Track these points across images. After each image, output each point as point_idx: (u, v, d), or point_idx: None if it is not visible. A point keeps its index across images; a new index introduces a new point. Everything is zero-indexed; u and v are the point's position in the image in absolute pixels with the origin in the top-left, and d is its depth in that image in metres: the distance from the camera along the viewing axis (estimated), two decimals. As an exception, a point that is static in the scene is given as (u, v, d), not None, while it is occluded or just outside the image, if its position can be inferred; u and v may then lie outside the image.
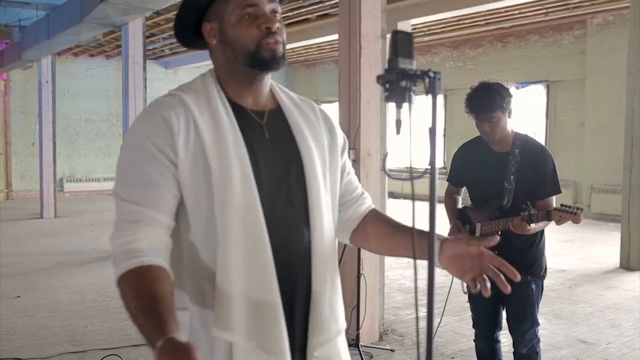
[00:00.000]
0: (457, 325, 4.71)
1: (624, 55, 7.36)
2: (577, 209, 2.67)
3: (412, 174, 1.18)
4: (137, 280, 1.22)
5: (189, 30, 1.46)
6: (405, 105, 1.15)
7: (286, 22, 10.28)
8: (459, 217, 3.11)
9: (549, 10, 9.89)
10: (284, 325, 1.33)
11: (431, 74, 1.10)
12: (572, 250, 7.92)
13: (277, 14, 1.40)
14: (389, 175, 1.89)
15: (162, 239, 1.31)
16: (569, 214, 2.66)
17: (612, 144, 10.07)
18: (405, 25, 9.23)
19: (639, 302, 5.44)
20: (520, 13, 10.15)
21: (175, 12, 7.93)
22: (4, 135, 13.96)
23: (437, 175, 1.12)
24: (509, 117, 2.92)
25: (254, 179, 1.33)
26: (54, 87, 11.03)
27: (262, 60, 1.37)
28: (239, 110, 1.41)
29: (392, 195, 13.12)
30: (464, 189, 3.24)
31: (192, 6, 1.42)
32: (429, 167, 1.13)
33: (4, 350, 4.18)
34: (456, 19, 10.40)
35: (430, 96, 1.12)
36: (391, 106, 1.16)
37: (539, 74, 11.72)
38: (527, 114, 12.05)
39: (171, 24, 10.44)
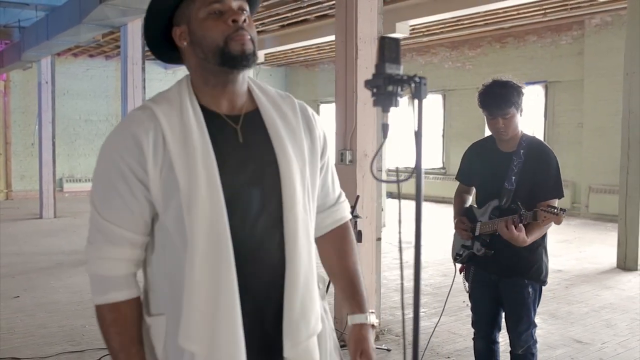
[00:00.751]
0: (453, 325, 4.73)
1: (622, 55, 7.39)
2: (561, 210, 2.69)
3: (397, 176, 1.21)
4: (128, 314, 1.38)
5: (159, 39, 1.45)
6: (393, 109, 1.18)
7: (285, 23, 10.32)
8: (465, 216, 3.12)
9: (547, 11, 9.92)
10: (242, 341, 1.32)
11: (417, 79, 1.13)
12: (569, 251, 7.95)
13: (244, 11, 1.39)
14: (376, 178, 1.89)
15: (136, 257, 1.39)
16: (552, 215, 2.68)
17: (610, 144, 10.09)
18: (403, 26, 9.25)
19: (634, 302, 5.47)
20: (518, 14, 10.17)
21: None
22: (4, 135, 13.99)
23: (422, 177, 1.15)
24: (520, 115, 2.93)
25: (222, 189, 1.32)
26: (54, 87, 11.06)
27: (231, 56, 1.35)
28: (212, 117, 1.39)
29: (391, 195, 13.14)
30: (474, 188, 3.23)
31: (157, 11, 1.41)
32: (415, 169, 1.15)
33: (3, 349, 4.21)
34: (455, 19, 10.42)
35: (419, 99, 1.14)
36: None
37: (537, 74, 11.75)
38: (525, 114, 12.06)
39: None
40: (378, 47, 1.17)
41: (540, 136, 11.66)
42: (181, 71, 15.86)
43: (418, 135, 1.14)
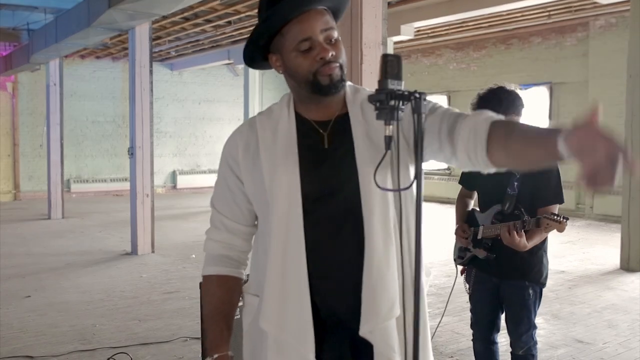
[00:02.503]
0: (457, 325, 4.80)
1: (626, 57, 7.44)
2: (564, 217, 2.76)
3: (399, 184, 1.28)
4: (216, 288, 1.62)
5: (258, 60, 1.60)
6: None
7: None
8: (467, 220, 3.19)
9: (552, 13, 9.97)
10: (310, 326, 1.47)
11: (417, 95, 1.21)
12: (573, 252, 8.00)
13: (332, 39, 1.48)
14: (379, 187, 1.97)
15: (231, 242, 1.64)
16: (554, 222, 2.75)
17: (614, 145, 10.13)
18: (408, 28, 9.34)
19: (637, 303, 5.53)
20: (522, 16, 10.23)
21: (181, 15, 8.03)
22: (12, 137, 14.12)
23: (422, 186, 1.23)
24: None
25: (300, 189, 1.48)
26: (62, 89, 11.17)
27: (321, 87, 1.48)
28: (304, 124, 1.55)
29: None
30: (476, 193, 3.29)
31: (253, 43, 1.54)
32: (415, 177, 1.23)
33: (17, 348, 4.31)
34: (459, 21, 10.49)
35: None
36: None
37: (542, 75, 11.79)
38: (530, 115, 12.11)
39: (177, 27, 10.57)
40: (381, 64, 1.25)
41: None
42: (187, 73, 15.99)
43: (419, 146, 1.22)
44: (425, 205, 1.27)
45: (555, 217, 2.75)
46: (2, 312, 5.20)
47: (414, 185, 1.30)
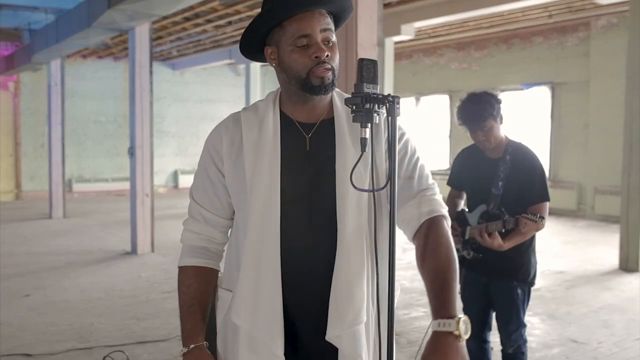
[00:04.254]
0: (453, 325, 4.81)
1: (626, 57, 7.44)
2: (540, 217, 2.79)
3: (373, 185, 1.30)
4: (193, 279, 1.64)
5: (253, 50, 1.63)
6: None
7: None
8: (457, 219, 3.21)
9: (553, 13, 9.98)
10: (280, 322, 1.50)
11: (390, 99, 1.23)
12: (572, 252, 8.01)
13: (330, 42, 1.52)
14: (354, 187, 1.97)
15: (209, 234, 1.65)
16: (531, 222, 2.78)
17: (616, 145, 10.11)
18: (408, 28, 9.35)
19: (634, 303, 5.54)
20: (524, 15, 10.23)
21: (182, 16, 8.05)
22: (14, 136, 14.18)
23: (396, 187, 1.25)
24: (501, 122, 3.02)
25: (280, 188, 1.52)
26: (63, 89, 11.20)
27: (312, 86, 1.51)
28: (289, 125, 1.58)
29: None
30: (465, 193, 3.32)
31: (253, 31, 1.57)
32: (388, 180, 1.25)
33: (15, 346, 4.34)
34: (461, 21, 10.49)
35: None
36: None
37: (543, 75, 11.80)
38: (531, 115, 12.13)
39: (178, 27, 10.61)
40: (357, 68, 1.27)
41: (546, 137, 11.72)
42: (189, 72, 16.02)
43: (392, 148, 1.24)
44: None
45: (532, 216, 2.78)
46: (2, 311, 5.23)
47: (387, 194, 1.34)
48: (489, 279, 3.07)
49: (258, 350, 1.52)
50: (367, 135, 1.28)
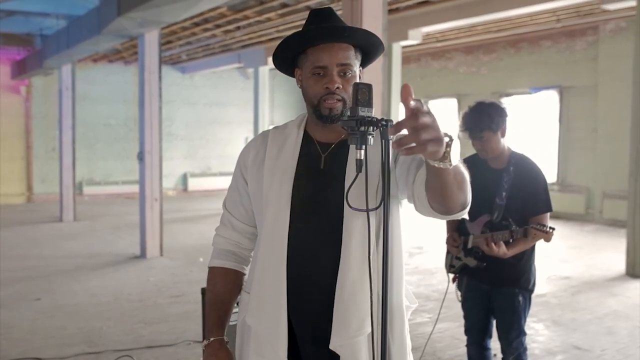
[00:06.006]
0: (457, 331, 4.84)
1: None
2: (551, 228, 2.82)
3: (367, 205, 1.35)
4: (219, 278, 1.82)
5: (285, 68, 1.76)
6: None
7: (299, 31, 10.48)
8: (457, 229, 3.25)
9: (561, 17, 9.98)
10: (284, 322, 1.62)
11: (384, 122, 1.28)
12: (579, 257, 8.01)
13: (346, 74, 1.61)
14: (349, 206, 1.97)
15: (236, 239, 1.83)
16: (541, 232, 2.81)
17: (624, 149, 10.07)
18: (415, 33, 9.38)
19: (639, 310, 5.54)
20: (532, 20, 10.24)
21: (191, 21, 8.11)
22: (25, 139, 14.33)
23: (389, 206, 1.30)
24: (502, 136, 3.03)
25: (291, 201, 1.64)
26: (74, 93, 11.32)
27: (321, 115, 1.63)
28: (309, 143, 1.71)
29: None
30: None
31: (282, 51, 1.70)
32: (383, 199, 1.30)
33: (26, 350, 4.42)
34: (469, 26, 10.50)
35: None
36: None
37: (551, 79, 11.79)
38: (540, 118, 12.13)
39: (187, 32, 10.70)
40: (353, 92, 1.32)
41: (554, 141, 11.71)
42: (198, 76, 16.12)
43: (385, 170, 1.29)
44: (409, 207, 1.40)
45: (542, 227, 2.81)
46: (13, 314, 5.32)
47: (397, 212, 1.50)
48: (491, 287, 3.11)
49: (263, 352, 1.63)
50: (362, 157, 1.33)
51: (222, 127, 16.49)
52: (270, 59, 12.29)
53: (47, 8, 9.20)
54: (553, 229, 2.83)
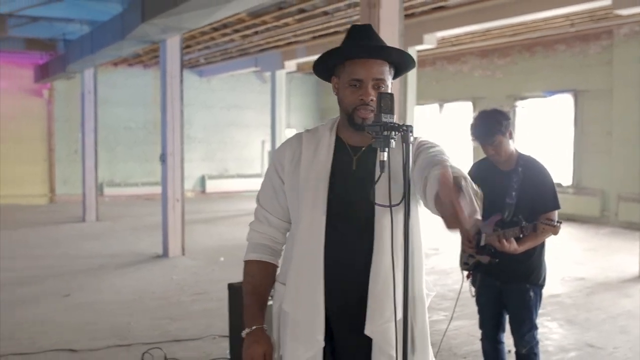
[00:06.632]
0: (472, 329, 4.98)
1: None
2: (558, 222, 2.98)
3: (390, 201, 1.52)
4: (257, 270, 1.96)
5: (324, 74, 1.93)
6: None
7: (317, 35, 10.67)
8: None
9: (575, 22, 10.07)
10: (321, 310, 1.79)
11: (404, 127, 1.45)
12: (594, 259, 8.09)
13: (381, 87, 1.77)
14: (373, 202, 2.09)
15: (272, 234, 1.97)
16: (549, 226, 2.96)
17: (639, 152, 10.19)
18: (430, 38, 9.52)
19: (652, 310, 5.64)
20: (546, 24, 10.33)
21: (210, 26, 8.30)
22: (48, 142, 14.68)
23: (409, 205, 1.46)
24: (510, 138, 3.21)
25: (327, 199, 1.80)
26: (96, 97, 11.61)
27: (354, 123, 1.79)
28: (341, 146, 1.86)
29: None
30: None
31: (323, 60, 1.87)
32: (404, 198, 1.47)
33: (58, 342, 4.65)
34: (484, 30, 10.62)
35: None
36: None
37: (566, 83, 11.86)
38: (555, 122, 12.20)
39: (206, 37, 10.92)
40: (377, 101, 1.50)
41: (569, 144, 11.78)
42: (216, 79, 16.36)
43: (406, 170, 1.45)
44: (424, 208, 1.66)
45: (550, 221, 2.97)
46: (45, 309, 5.56)
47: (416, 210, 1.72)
48: (503, 282, 3.26)
49: (301, 337, 1.80)
50: (385, 159, 1.50)
51: (240, 129, 16.73)
52: (287, 63, 12.57)
53: (71, 14, 9.45)
54: (560, 222, 2.98)
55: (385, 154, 1.50)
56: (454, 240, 8.81)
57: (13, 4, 8.41)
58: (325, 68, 1.90)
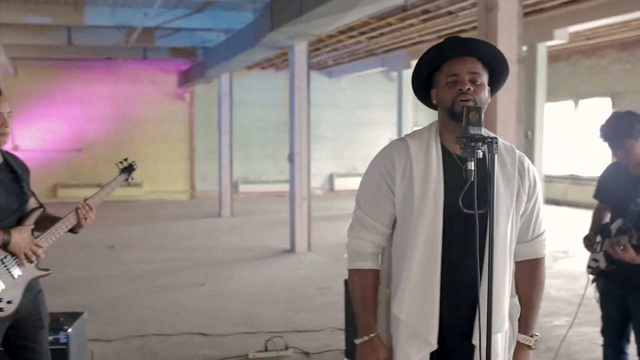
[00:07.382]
0: (596, 335, 4.80)
1: None
2: None
3: (475, 208, 1.64)
4: (372, 280, 1.98)
5: (421, 93, 2.00)
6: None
7: (441, 35, 10.64)
8: (600, 231, 3.32)
9: None
10: (436, 318, 1.85)
11: (489, 139, 1.59)
12: None
13: (476, 82, 1.84)
14: (463, 209, 2.11)
15: (379, 242, 1.99)
16: None
17: None
18: (562, 33, 9.16)
19: None
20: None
21: (337, 30, 8.62)
22: (189, 142, 15.86)
23: (495, 211, 1.57)
24: None
25: (443, 213, 1.85)
26: (232, 100, 12.41)
27: (454, 113, 1.82)
28: (448, 156, 1.90)
29: (555, 202, 12.89)
30: None
31: (417, 76, 1.97)
32: (488, 203, 1.59)
33: (193, 327, 5.13)
34: (621, 22, 10.03)
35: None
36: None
37: None
38: None
39: (334, 40, 11.28)
40: (464, 114, 1.64)
41: None
42: (344, 79, 16.73)
43: (491, 179, 1.57)
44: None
45: None
46: (182, 297, 6.13)
47: (506, 216, 1.85)
48: (626, 290, 3.15)
49: (414, 340, 1.88)
50: (473, 167, 1.63)
51: (367, 128, 16.98)
52: (413, 62, 12.61)
53: (209, 24, 10.18)
54: None
55: (472, 163, 1.62)
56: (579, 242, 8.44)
57: (159, 18, 9.24)
58: (424, 86, 1.96)
